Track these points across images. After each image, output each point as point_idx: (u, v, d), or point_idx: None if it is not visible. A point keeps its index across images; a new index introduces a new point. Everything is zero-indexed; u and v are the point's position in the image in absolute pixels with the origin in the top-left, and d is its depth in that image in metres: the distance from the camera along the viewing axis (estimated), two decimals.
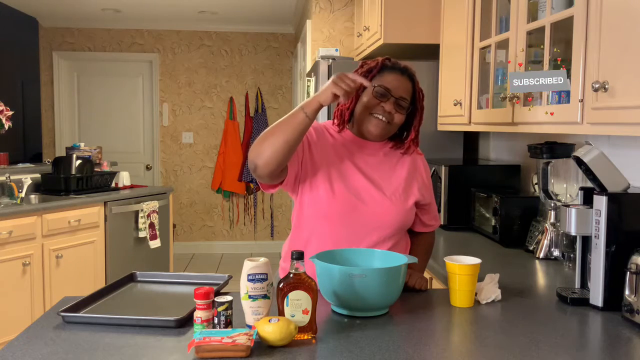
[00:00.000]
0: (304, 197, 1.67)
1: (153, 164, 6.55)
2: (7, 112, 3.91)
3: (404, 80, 1.67)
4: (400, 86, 1.65)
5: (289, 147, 1.50)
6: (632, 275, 1.40)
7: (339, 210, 1.63)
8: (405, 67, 1.69)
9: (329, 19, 4.42)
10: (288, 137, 1.49)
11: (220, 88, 6.53)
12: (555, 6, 1.87)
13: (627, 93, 1.45)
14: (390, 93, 1.64)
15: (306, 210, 1.67)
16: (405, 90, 1.67)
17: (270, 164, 1.50)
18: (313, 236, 1.67)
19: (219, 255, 6.55)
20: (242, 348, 1.15)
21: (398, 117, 1.67)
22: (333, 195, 1.63)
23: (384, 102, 1.65)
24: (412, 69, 1.72)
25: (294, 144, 1.50)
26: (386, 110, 1.65)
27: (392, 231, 1.67)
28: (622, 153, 1.95)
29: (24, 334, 1.30)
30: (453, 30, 2.82)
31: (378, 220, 1.65)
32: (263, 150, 1.50)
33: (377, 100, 1.65)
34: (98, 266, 4.05)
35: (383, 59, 1.70)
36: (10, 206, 3.54)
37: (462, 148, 3.34)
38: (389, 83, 1.65)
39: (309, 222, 1.68)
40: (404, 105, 1.66)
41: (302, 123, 1.50)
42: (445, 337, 1.35)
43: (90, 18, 6.11)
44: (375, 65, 1.68)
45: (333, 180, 1.65)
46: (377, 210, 1.65)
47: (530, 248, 2.24)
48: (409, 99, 1.67)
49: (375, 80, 1.66)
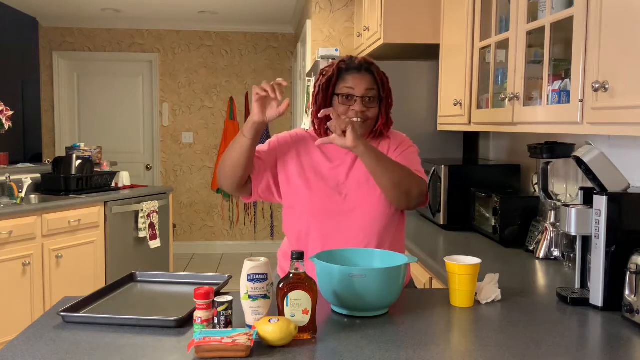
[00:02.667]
0: (288, 199, 1.74)
1: (153, 164, 6.55)
2: (7, 112, 3.91)
3: (363, 76, 1.71)
4: (361, 84, 1.69)
5: (238, 167, 1.66)
6: (632, 275, 1.40)
7: (323, 205, 1.69)
8: (360, 63, 1.73)
9: (329, 19, 4.42)
10: (234, 161, 1.65)
11: (220, 88, 6.53)
12: (555, 6, 1.87)
13: (627, 93, 1.45)
14: (354, 94, 1.69)
15: (293, 210, 1.74)
16: (368, 85, 1.70)
17: (229, 183, 1.70)
18: (302, 233, 1.72)
19: (219, 255, 6.55)
20: (242, 348, 1.15)
21: (371, 112, 1.71)
22: (311, 191, 1.70)
23: (353, 105, 1.69)
24: (368, 59, 1.75)
25: (242, 164, 1.65)
26: (357, 111, 1.69)
27: (381, 217, 1.70)
28: (622, 153, 1.95)
29: (24, 334, 1.30)
30: (453, 30, 2.82)
31: (363, 210, 1.69)
32: (221, 174, 1.71)
33: (345, 105, 1.70)
34: (98, 266, 4.05)
35: (337, 63, 1.74)
36: (10, 206, 3.54)
37: (462, 148, 3.34)
38: (350, 84, 1.70)
39: (297, 221, 1.73)
40: (372, 98, 1.70)
41: (243, 145, 1.63)
42: (445, 337, 1.35)
43: (90, 18, 6.11)
44: (332, 73, 1.72)
45: (311, 179, 1.72)
46: (361, 201, 1.69)
47: (530, 248, 2.24)
48: (375, 89, 1.71)
49: (337, 86, 1.72)
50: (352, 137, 1.56)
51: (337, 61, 1.75)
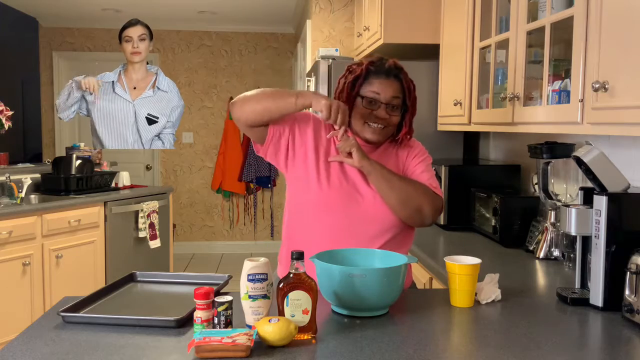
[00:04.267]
0: (298, 182, 1.68)
1: (153, 164, 6.54)
2: (7, 112, 3.91)
3: (390, 82, 1.66)
4: (388, 89, 1.65)
5: (268, 115, 1.62)
6: (632, 275, 1.40)
7: (337, 201, 1.64)
8: (390, 68, 1.67)
9: (329, 19, 4.42)
10: (271, 110, 1.61)
11: (220, 88, 6.53)
12: (555, 6, 1.87)
13: (627, 93, 1.45)
14: (379, 100, 1.64)
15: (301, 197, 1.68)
16: (394, 92, 1.66)
17: (250, 119, 1.63)
18: (313, 228, 1.66)
19: (219, 255, 6.55)
20: (242, 348, 1.15)
21: (393, 120, 1.67)
22: (329, 185, 1.65)
23: (376, 110, 1.65)
24: (398, 63, 1.70)
25: (273, 116, 1.62)
26: (380, 117, 1.65)
27: (390, 222, 1.66)
28: (622, 153, 1.95)
29: (24, 334, 1.30)
30: (453, 30, 2.82)
31: (375, 212, 1.65)
32: (246, 106, 1.63)
33: (368, 109, 1.65)
34: (98, 266, 4.05)
35: (367, 65, 1.68)
36: (10, 206, 3.54)
37: (462, 148, 3.34)
38: (376, 88, 1.65)
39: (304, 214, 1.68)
40: (396, 105, 1.66)
41: (288, 108, 1.60)
42: (445, 337, 1.35)
43: (90, 18, 6.11)
44: (360, 74, 1.67)
45: (329, 171, 1.66)
46: (375, 203, 1.65)
47: (530, 248, 2.24)
48: (400, 97, 1.67)
49: (363, 87, 1.66)
50: (358, 157, 1.60)
51: (366, 62, 1.69)
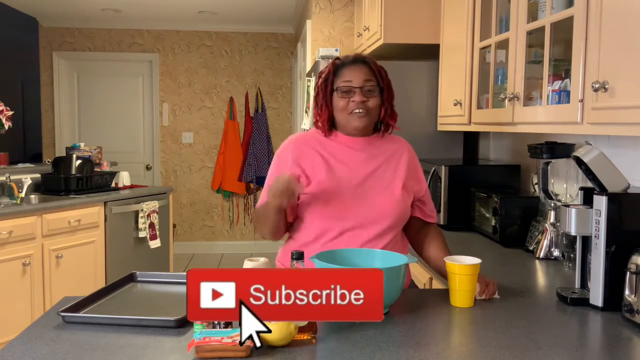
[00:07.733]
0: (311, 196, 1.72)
1: (153, 164, 6.54)
2: (7, 112, 3.90)
3: (359, 67, 1.71)
4: (358, 74, 1.70)
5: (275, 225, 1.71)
6: (632, 275, 1.40)
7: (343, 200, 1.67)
8: (356, 56, 1.75)
9: (329, 19, 4.42)
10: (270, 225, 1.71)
11: (220, 88, 6.53)
12: (555, 6, 1.87)
13: (627, 93, 1.45)
14: (353, 86, 1.69)
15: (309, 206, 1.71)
16: (365, 76, 1.70)
17: (277, 235, 1.76)
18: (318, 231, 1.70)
19: (219, 255, 6.55)
20: (242, 348, 1.15)
21: (372, 102, 1.71)
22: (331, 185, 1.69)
23: (352, 96, 1.69)
24: (362, 54, 1.77)
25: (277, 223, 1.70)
26: (358, 102, 1.68)
27: (392, 222, 1.69)
28: (622, 153, 1.95)
29: (24, 334, 1.30)
30: (453, 30, 2.82)
31: (378, 211, 1.67)
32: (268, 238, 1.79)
33: (345, 99, 1.69)
34: (98, 266, 4.05)
35: (332, 62, 1.76)
36: (10, 206, 3.54)
37: (462, 148, 3.34)
38: (347, 77, 1.70)
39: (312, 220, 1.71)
40: (371, 88, 1.70)
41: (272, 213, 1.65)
42: (445, 337, 1.35)
43: (90, 18, 6.11)
44: (329, 71, 1.74)
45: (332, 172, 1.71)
46: (376, 201, 1.68)
47: (530, 248, 2.24)
48: (373, 80, 1.71)
49: (335, 81, 1.72)
50: None
51: (332, 60, 1.77)
